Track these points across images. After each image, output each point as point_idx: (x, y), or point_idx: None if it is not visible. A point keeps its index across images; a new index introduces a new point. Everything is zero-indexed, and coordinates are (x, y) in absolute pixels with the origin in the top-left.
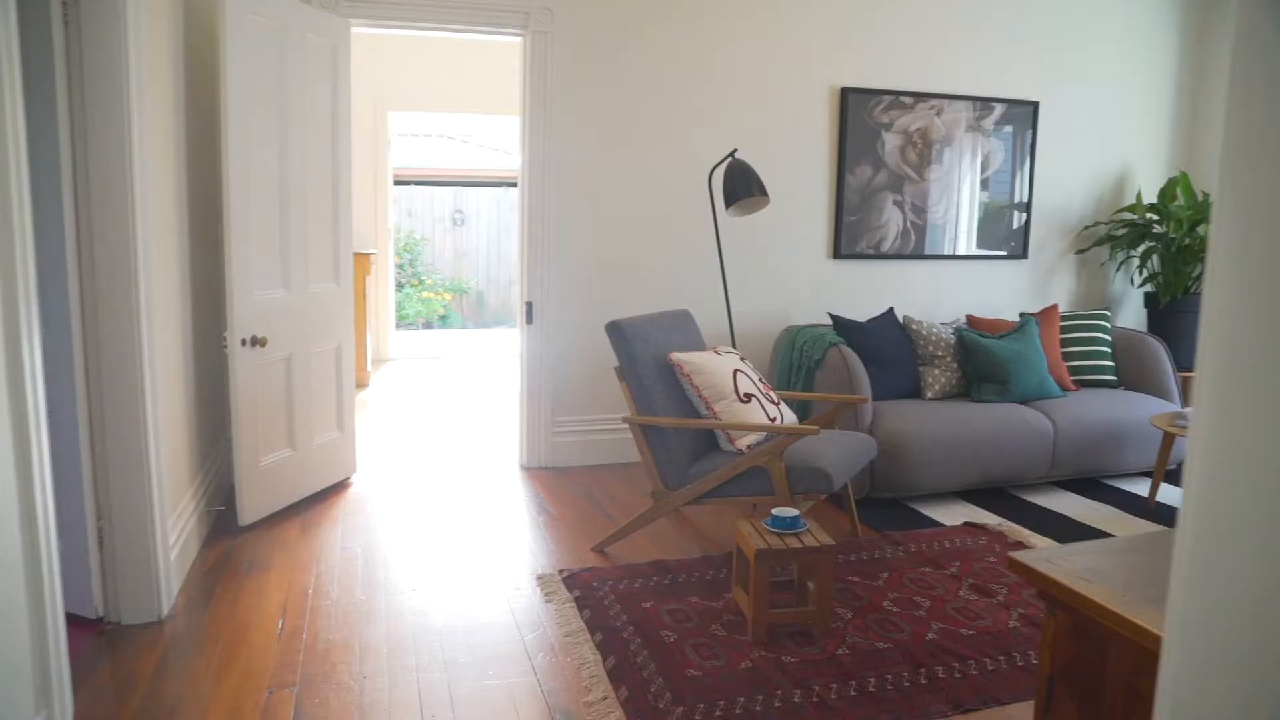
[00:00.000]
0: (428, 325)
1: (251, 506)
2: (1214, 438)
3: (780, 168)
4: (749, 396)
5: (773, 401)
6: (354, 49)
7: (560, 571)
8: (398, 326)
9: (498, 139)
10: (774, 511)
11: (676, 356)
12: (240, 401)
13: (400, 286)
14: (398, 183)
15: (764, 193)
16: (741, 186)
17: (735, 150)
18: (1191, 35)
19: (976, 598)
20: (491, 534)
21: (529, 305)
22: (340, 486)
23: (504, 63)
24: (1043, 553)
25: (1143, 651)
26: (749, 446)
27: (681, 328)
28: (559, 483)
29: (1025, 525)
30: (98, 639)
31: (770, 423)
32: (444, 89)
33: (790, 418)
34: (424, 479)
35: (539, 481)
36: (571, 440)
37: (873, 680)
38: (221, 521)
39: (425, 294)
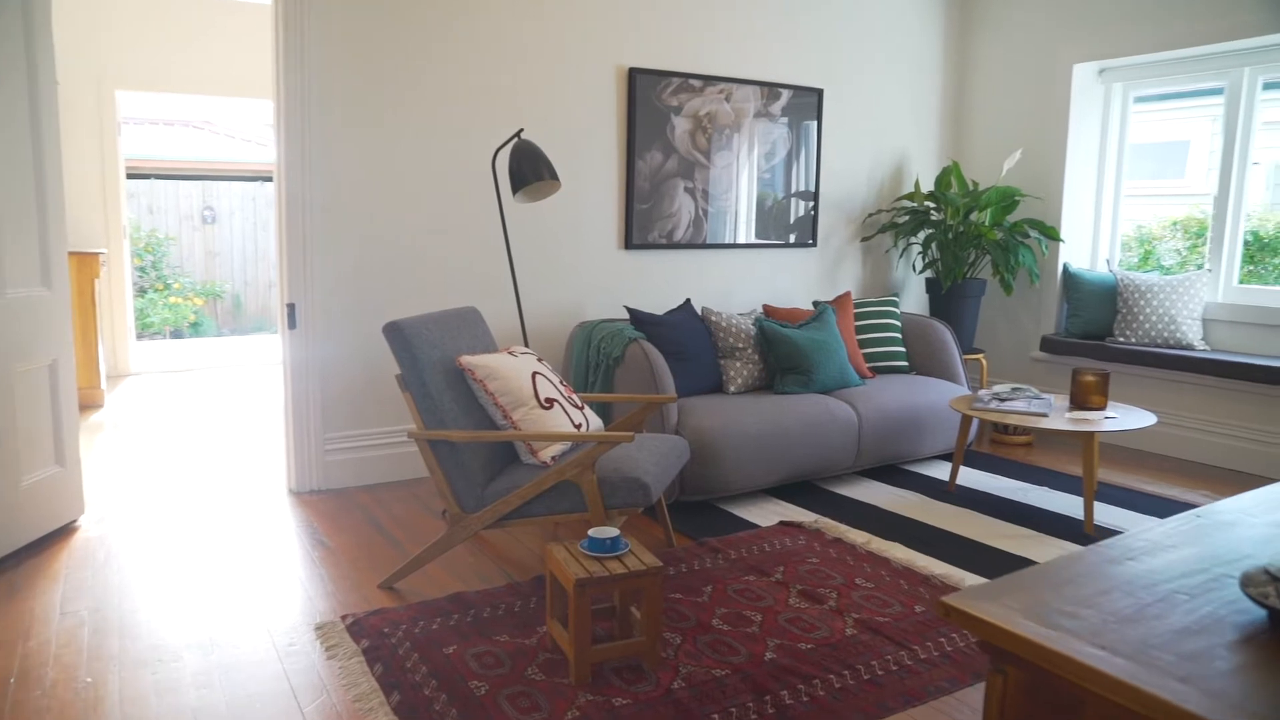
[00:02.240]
0: (176, 334)
1: None
2: None
3: (568, 153)
4: (551, 401)
5: (576, 406)
6: (71, 14)
7: (344, 617)
8: (139, 336)
9: (250, 128)
10: (591, 533)
11: (467, 360)
12: None
13: (143, 291)
14: (135, 175)
15: (554, 176)
16: (529, 170)
17: (521, 130)
18: (954, 32)
19: (807, 605)
20: (258, 577)
21: (291, 308)
22: (63, 533)
23: (254, 37)
24: (976, 593)
25: (1133, 717)
26: (554, 458)
27: (470, 327)
28: (335, 508)
29: (840, 519)
30: None
31: (577, 430)
32: (183, 66)
33: (596, 422)
34: (174, 514)
35: (312, 508)
36: (347, 458)
37: (716, 716)
38: None
39: (172, 299)
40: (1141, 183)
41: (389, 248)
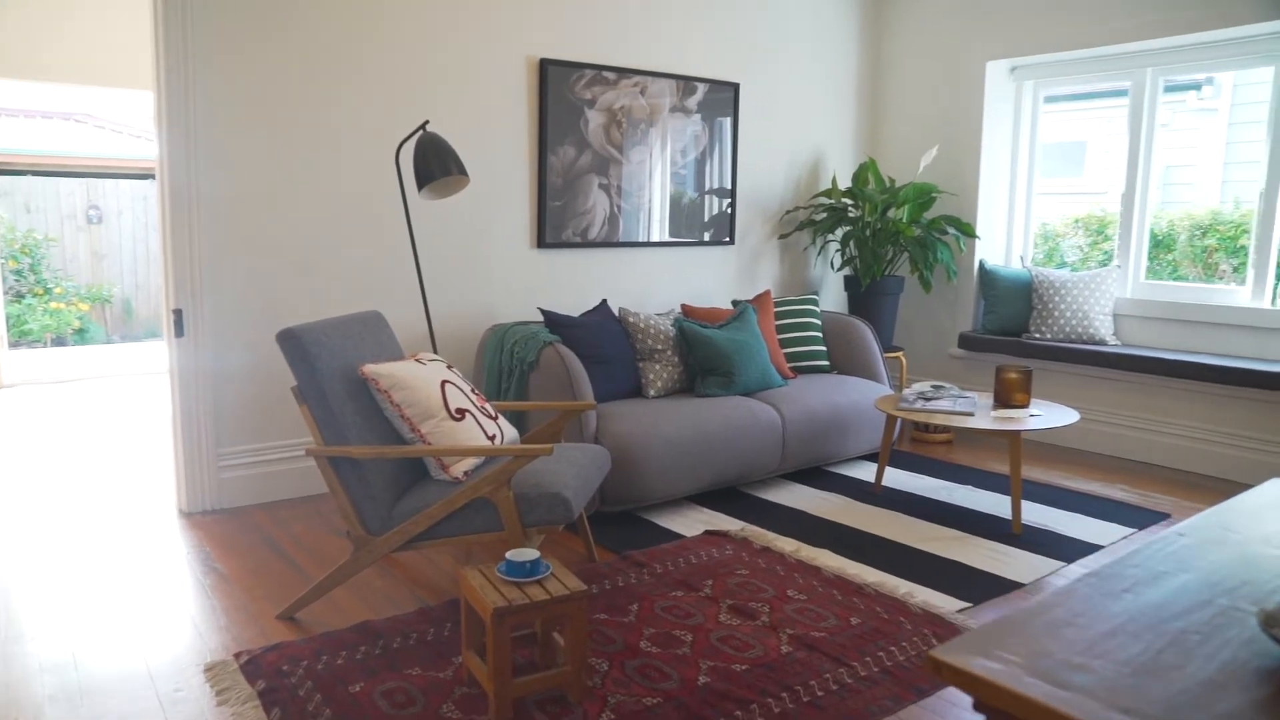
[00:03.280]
0: (59, 341)
1: None
2: None
3: (477, 147)
4: (462, 412)
5: (490, 416)
6: None
7: (238, 655)
8: (14, 345)
9: (138, 122)
10: (508, 555)
11: (371, 369)
12: None
13: (20, 296)
14: (6, 171)
15: (462, 171)
16: (436, 164)
17: (427, 122)
18: (869, 28)
19: (739, 621)
20: (141, 611)
21: (178, 314)
22: None
23: (136, 21)
24: (969, 645)
25: None
26: (467, 474)
27: (374, 333)
28: (230, 529)
29: (766, 526)
30: None
31: (491, 443)
32: (55, 53)
33: (511, 433)
34: (47, 542)
35: (205, 531)
36: (243, 474)
37: None
38: None
39: (54, 304)
40: (1044, 181)
41: (286, 249)
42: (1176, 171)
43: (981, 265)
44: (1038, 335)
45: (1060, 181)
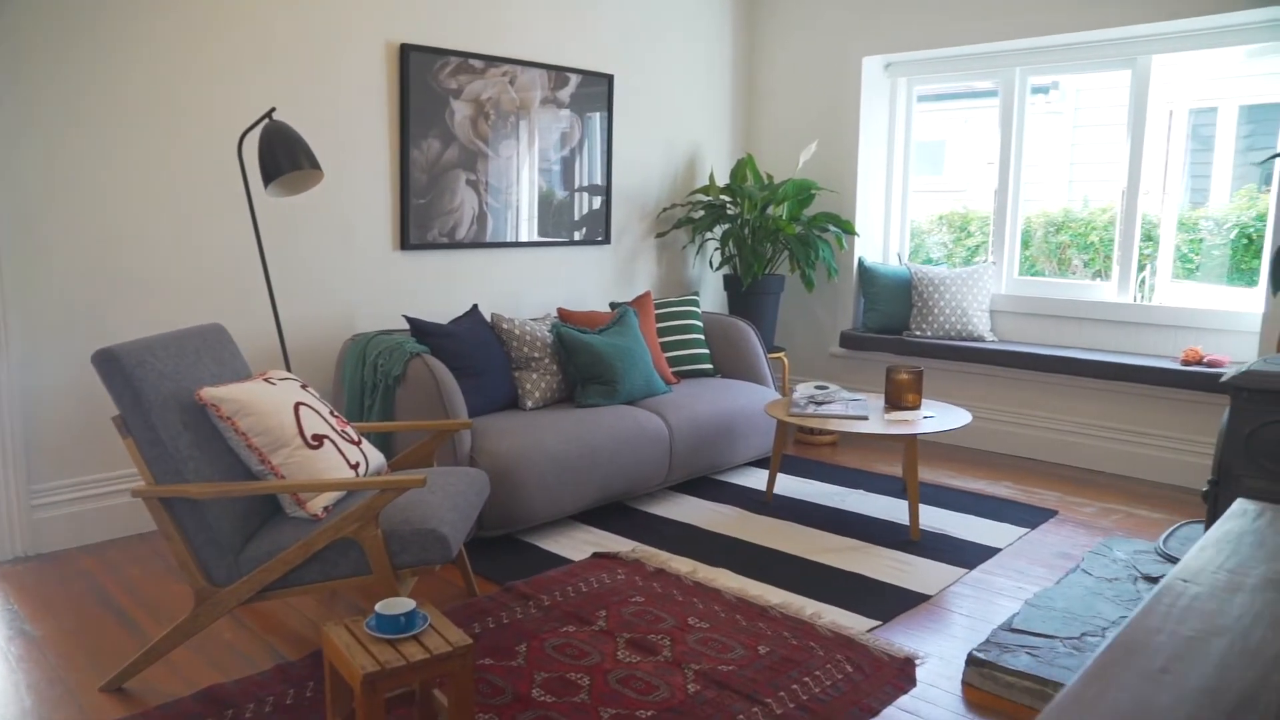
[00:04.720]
0: None
1: None
2: None
3: (331, 139)
4: (319, 439)
5: (352, 440)
6: None
7: None
8: None
9: None
10: (378, 608)
11: (210, 393)
12: None
13: None
14: None
15: (315, 165)
16: (284, 157)
17: (273, 110)
18: (745, 19)
19: (640, 658)
20: None
21: None
22: None
23: None
24: None
25: None
26: (327, 509)
27: (214, 350)
28: (48, 580)
29: (659, 545)
30: None
31: (354, 473)
32: None
33: (377, 459)
34: None
35: (14, 583)
36: (63, 512)
37: None
38: None
39: None
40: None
41: (109, 253)
42: (1028, 171)
43: (861, 263)
44: (918, 333)
45: (923, 179)
